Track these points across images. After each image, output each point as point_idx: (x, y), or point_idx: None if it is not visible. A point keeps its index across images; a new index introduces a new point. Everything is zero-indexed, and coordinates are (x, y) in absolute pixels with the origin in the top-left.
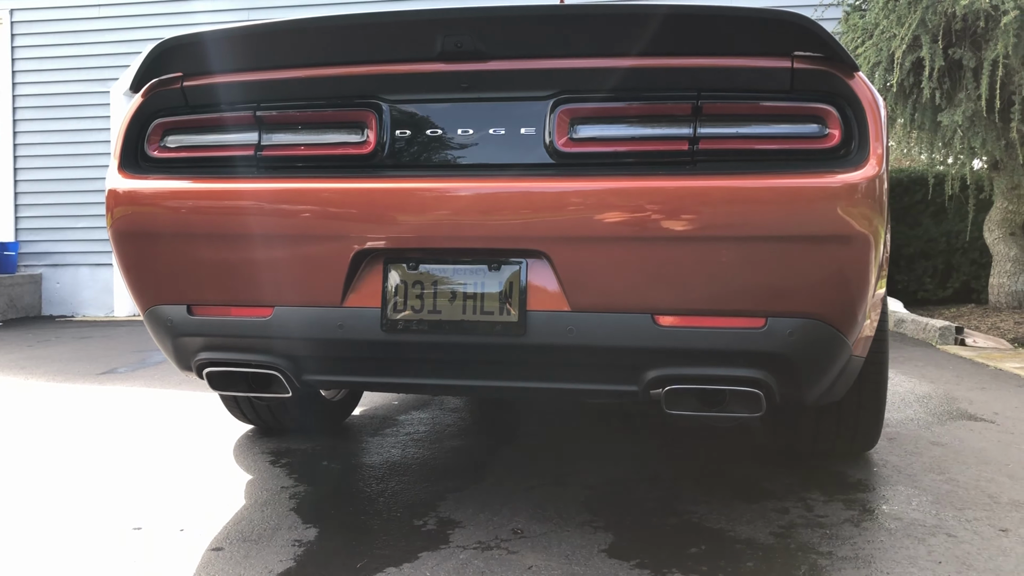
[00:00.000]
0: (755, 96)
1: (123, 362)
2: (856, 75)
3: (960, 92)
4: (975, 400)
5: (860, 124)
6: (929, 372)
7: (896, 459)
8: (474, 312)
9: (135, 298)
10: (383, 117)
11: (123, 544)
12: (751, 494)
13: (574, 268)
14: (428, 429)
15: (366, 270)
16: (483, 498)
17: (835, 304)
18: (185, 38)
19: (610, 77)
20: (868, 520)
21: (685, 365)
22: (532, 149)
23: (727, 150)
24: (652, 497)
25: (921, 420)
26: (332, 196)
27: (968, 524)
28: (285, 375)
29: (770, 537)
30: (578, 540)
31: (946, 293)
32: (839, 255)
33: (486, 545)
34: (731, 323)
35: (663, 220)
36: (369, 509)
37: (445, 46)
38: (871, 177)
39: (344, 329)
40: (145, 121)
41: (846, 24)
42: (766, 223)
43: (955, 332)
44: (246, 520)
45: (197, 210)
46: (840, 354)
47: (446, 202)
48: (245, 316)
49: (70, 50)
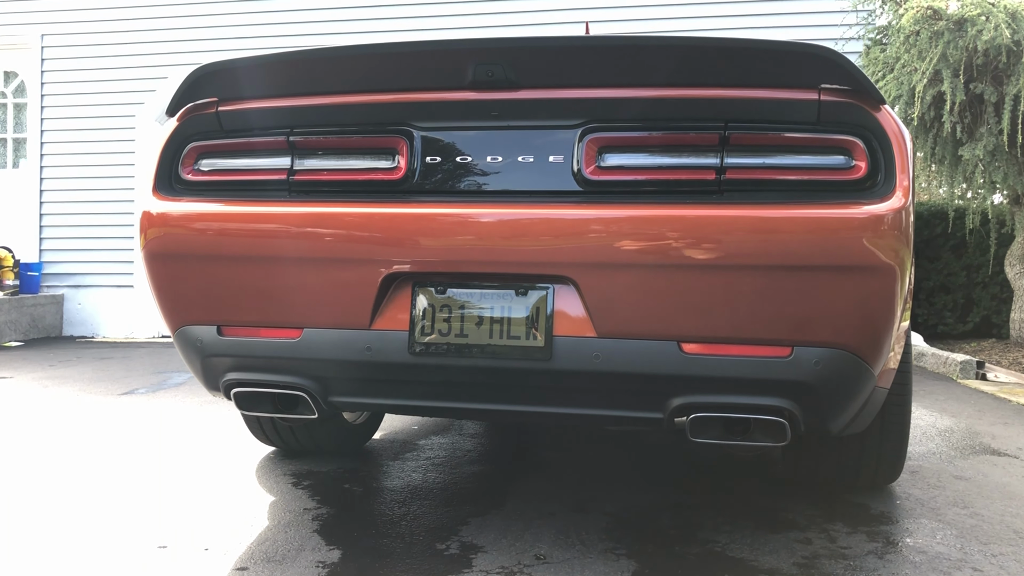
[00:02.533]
0: (782, 127)
1: (144, 383)
2: (882, 107)
3: (981, 126)
4: (998, 435)
5: (886, 156)
6: (950, 406)
7: (919, 492)
8: (501, 337)
9: (165, 318)
10: (414, 144)
11: (149, 563)
12: (774, 524)
13: (601, 294)
14: (448, 454)
15: (394, 294)
16: (505, 523)
17: (861, 335)
18: (221, 64)
19: (638, 107)
20: (892, 552)
21: (710, 393)
22: (560, 177)
23: (754, 180)
24: (674, 525)
25: (944, 454)
26: (362, 220)
27: (994, 559)
28: (312, 397)
29: (794, 568)
30: (601, 567)
31: (966, 328)
32: (866, 286)
33: (509, 570)
34: (757, 352)
35: (690, 248)
36: (392, 532)
37: (476, 75)
38: (897, 209)
39: (372, 352)
40: (180, 144)
41: (867, 58)
42: (793, 253)
43: (976, 366)
44: (270, 541)
45: (229, 232)
46: (865, 385)
47: (475, 227)
48: (274, 337)
49: (97, 74)
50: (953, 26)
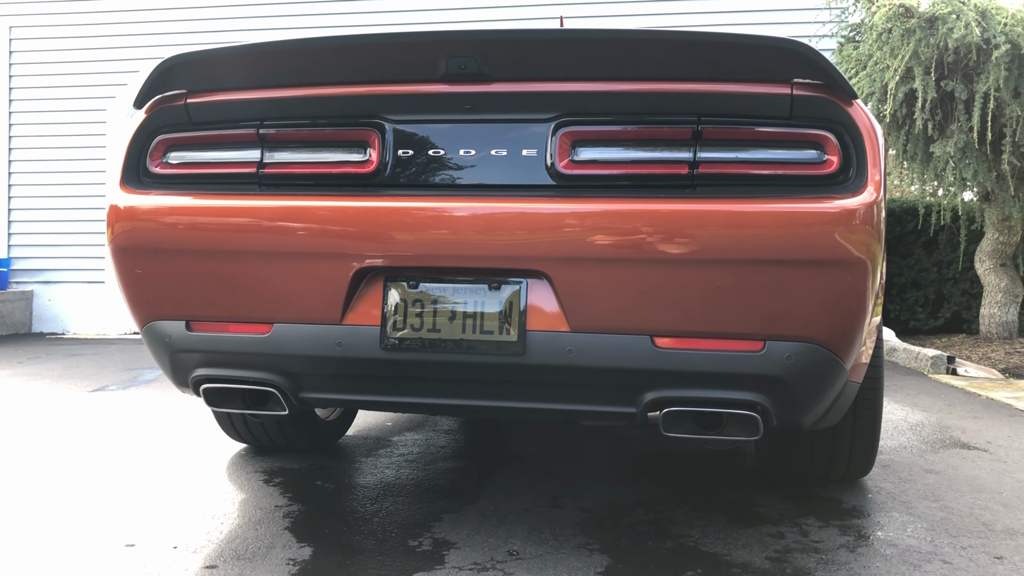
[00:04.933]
0: (755, 121)
1: (114, 380)
2: (855, 103)
3: (952, 124)
4: (968, 429)
5: (858, 151)
6: (922, 401)
7: (890, 486)
8: (473, 331)
9: (133, 313)
10: (386, 137)
11: (116, 561)
12: (746, 518)
13: (574, 289)
14: (422, 450)
15: (366, 288)
16: (478, 519)
17: (833, 329)
18: (189, 55)
19: (612, 100)
20: (863, 546)
21: (683, 387)
22: (534, 170)
23: (727, 174)
24: (647, 520)
25: (915, 448)
26: (334, 214)
27: (963, 551)
28: (282, 392)
29: (766, 562)
30: (574, 562)
31: (937, 323)
32: (837, 280)
33: (482, 566)
34: (730, 346)
35: (663, 242)
36: (364, 529)
37: (449, 67)
38: (869, 203)
39: (343, 347)
40: (148, 137)
41: (840, 55)
42: (765, 247)
43: (947, 361)
44: (240, 538)
45: (198, 226)
46: (837, 379)
47: (447, 221)
48: (244, 333)
49: (68, 67)
50: (925, 24)
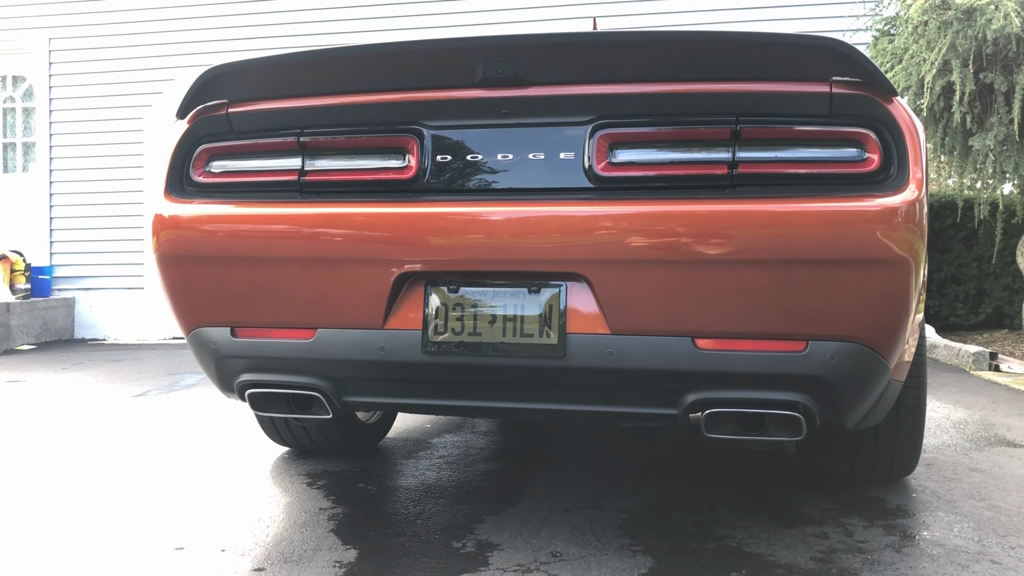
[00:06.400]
0: (794, 120)
1: (156, 384)
2: (894, 99)
3: (991, 116)
4: (1013, 427)
5: (899, 148)
6: (964, 398)
7: (935, 485)
8: (514, 335)
9: (179, 320)
10: (424, 142)
11: (167, 564)
12: (789, 518)
13: (614, 291)
14: (461, 452)
15: (407, 293)
16: (520, 521)
17: (876, 328)
18: (230, 66)
19: (649, 102)
20: (909, 546)
21: (725, 389)
22: (571, 173)
23: (766, 174)
24: (690, 521)
25: (959, 446)
26: (374, 220)
27: (1012, 551)
28: (326, 397)
29: (811, 562)
30: (617, 563)
31: (978, 319)
32: (880, 279)
33: (526, 568)
34: (772, 346)
35: (703, 243)
36: (407, 531)
37: (486, 73)
38: (911, 201)
39: (385, 351)
40: (191, 146)
41: (875, 48)
42: (806, 247)
43: (989, 358)
44: (286, 541)
45: (241, 234)
46: (881, 378)
47: (486, 226)
48: (288, 338)
49: (104, 77)
50: (962, 15)
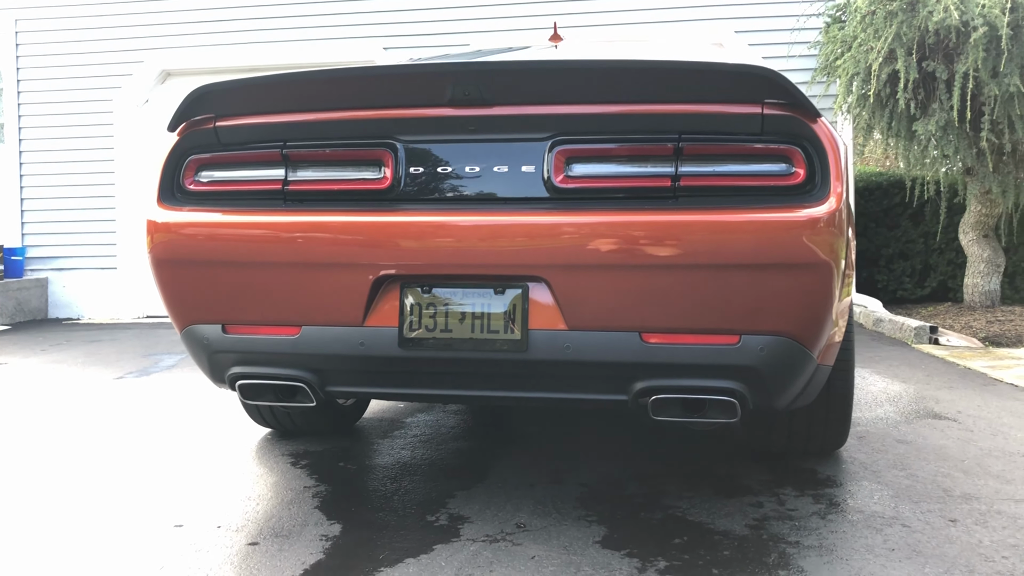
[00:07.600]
0: (730, 138)
1: (136, 366)
2: (819, 120)
3: (934, 103)
4: (941, 399)
5: (822, 163)
6: (902, 372)
7: (863, 456)
8: (482, 331)
9: (173, 317)
10: (399, 155)
11: (169, 540)
12: (730, 490)
13: (570, 291)
14: (433, 431)
15: (384, 293)
16: (488, 495)
17: (801, 323)
18: (218, 84)
19: (601, 121)
20: (833, 513)
21: (669, 377)
22: (532, 185)
23: (705, 186)
24: (641, 493)
25: (890, 419)
26: (353, 227)
27: (922, 515)
28: (311, 387)
29: (745, 529)
30: (575, 532)
31: (924, 292)
32: (804, 280)
33: (493, 538)
34: (709, 340)
35: (649, 249)
36: (386, 506)
37: (454, 93)
38: (832, 211)
39: (365, 346)
40: (181, 157)
41: (827, 35)
42: (740, 252)
43: (929, 332)
44: (276, 517)
45: (229, 239)
46: (806, 367)
47: (456, 232)
48: (275, 335)
49: (74, 59)
50: (906, 6)
